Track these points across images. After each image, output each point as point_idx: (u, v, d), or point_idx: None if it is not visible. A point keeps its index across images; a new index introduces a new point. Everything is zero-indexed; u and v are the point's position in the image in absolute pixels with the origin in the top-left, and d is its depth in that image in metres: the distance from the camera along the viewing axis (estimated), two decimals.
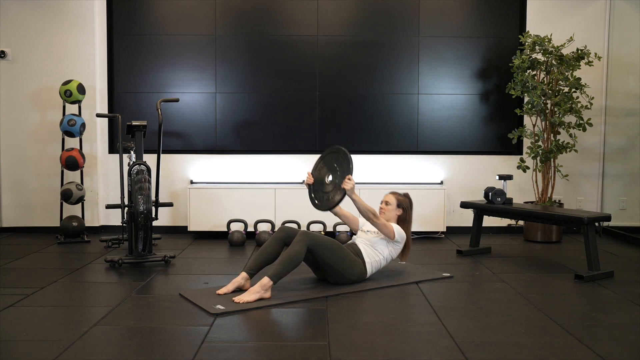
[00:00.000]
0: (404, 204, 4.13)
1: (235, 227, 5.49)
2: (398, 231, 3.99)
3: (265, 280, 3.50)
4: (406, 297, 3.64)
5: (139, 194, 4.26)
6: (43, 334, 2.97)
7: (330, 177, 3.93)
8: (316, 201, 3.98)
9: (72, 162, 5.33)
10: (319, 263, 3.75)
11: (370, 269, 3.94)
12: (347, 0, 5.80)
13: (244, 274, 3.69)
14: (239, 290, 3.64)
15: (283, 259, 3.56)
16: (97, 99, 5.71)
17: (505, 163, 5.87)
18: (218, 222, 5.57)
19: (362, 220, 4.14)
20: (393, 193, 4.17)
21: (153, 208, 4.64)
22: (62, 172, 5.48)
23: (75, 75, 5.61)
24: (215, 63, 5.76)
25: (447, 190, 5.75)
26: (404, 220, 4.13)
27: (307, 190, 4.05)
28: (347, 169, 3.82)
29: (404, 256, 4.16)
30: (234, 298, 3.47)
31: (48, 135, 5.69)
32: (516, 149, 5.85)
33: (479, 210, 4.94)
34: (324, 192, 3.95)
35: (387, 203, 4.13)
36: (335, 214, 4.10)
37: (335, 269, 3.76)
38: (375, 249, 3.96)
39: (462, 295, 3.75)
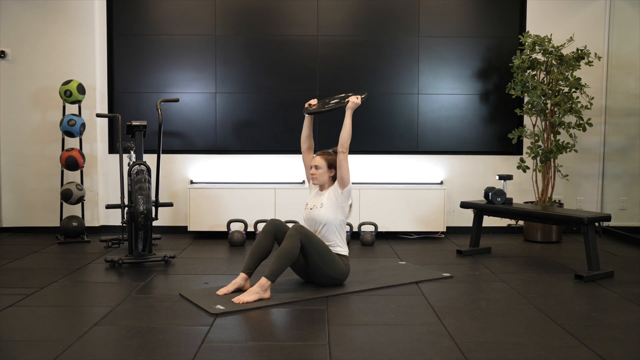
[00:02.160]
0: (334, 162, 3.85)
1: (235, 227, 5.49)
2: (350, 186, 3.78)
3: (263, 281, 3.49)
4: (406, 297, 3.64)
5: (139, 194, 4.26)
6: (43, 334, 2.97)
7: (336, 100, 3.88)
8: (310, 107, 3.93)
9: (72, 162, 5.33)
10: (308, 260, 3.65)
11: (345, 250, 3.81)
12: (347, 0, 5.80)
13: (242, 275, 3.68)
14: (239, 290, 3.63)
15: (278, 256, 3.52)
16: (97, 99, 5.71)
17: (505, 163, 5.87)
18: (218, 222, 5.57)
19: (309, 199, 3.94)
20: (320, 154, 3.89)
21: (153, 208, 4.64)
22: (62, 172, 5.48)
23: (75, 75, 5.61)
24: (215, 63, 5.76)
25: (447, 190, 5.75)
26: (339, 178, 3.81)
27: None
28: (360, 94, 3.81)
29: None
30: (233, 299, 3.46)
31: (48, 135, 5.69)
32: (516, 149, 5.85)
33: (479, 210, 4.94)
34: (324, 102, 3.91)
35: (316, 167, 3.85)
36: (305, 130, 4.00)
37: (322, 269, 3.68)
38: (333, 233, 3.77)
39: (462, 295, 3.75)
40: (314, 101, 4.04)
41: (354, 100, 3.80)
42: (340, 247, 3.83)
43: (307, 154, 4.03)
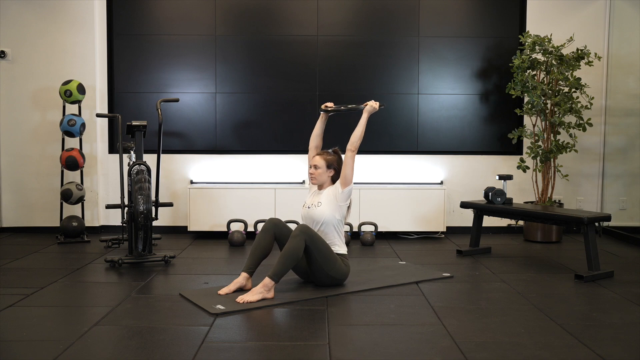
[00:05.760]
0: (334, 163, 3.90)
1: (235, 227, 5.49)
2: (351, 186, 3.81)
3: (267, 281, 3.49)
4: (406, 297, 3.64)
5: (139, 194, 4.26)
6: (43, 334, 2.97)
7: (352, 105, 3.99)
8: (327, 105, 4.00)
9: (72, 162, 5.33)
10: (310, 260, 3.65)
11: (343, 249, 3.83)
12: (347, 0, 5.80)
13: (244, 274, 3.68)
14: (241, 290, 3.64)
15: (282, 256, 3.52)
16: (97, 99, 5.71)
17: (505, 163, 5.87)
18: (218, 222, 5.57)
19: (308, 198, 3.96)
20: (319, 155, 3.92)
21: (153, 208, 4.65)
22: (62, 172, 5.48)
23: (75, 75, 5.61)
24: (215, 63, 5.76)
25: (447, 190, 5.75)
26: (338, 177, 3.88)
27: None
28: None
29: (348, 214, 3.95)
30: (237, 299, 3.46)
31: (48, 135, 5.69)
32: (516, 149, 5.85)
33: (479, 210, 4.94)
34: (340, 106, 3.99)
35: (315, 167, 3.88)
36: (317, 129, 4.05)
37: (323, 270, 3.67)
38: (331, 230, 3.80)
39: (462, 295, 3.75)
40: (330, 103, 4.07)
41: (373, 104, 3.85)
42: (339, 246, 3.84)
43: (313, 152, 4.04)
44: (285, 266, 3.51)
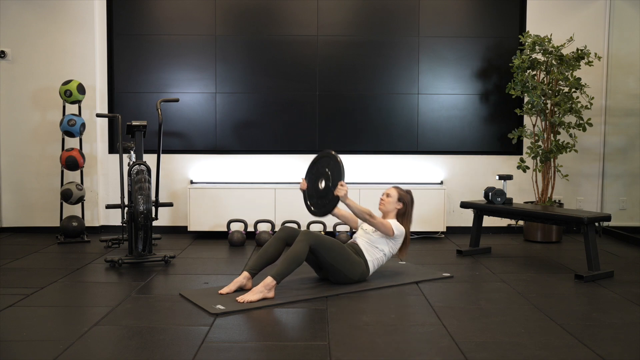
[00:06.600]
0: (405, 199, 4.12)
1: (235, 227, 5.49)
2: (396, 227, 3.98)
3: (269, 280, 3.50)
4: (406, 297, 3.64)
5: (139, 194, 4.26)
6: (43, 334, 2.97)
7: (324, 183, 3.95)
8: (312, 208, 4.03)
9: (72, 162, 5.33)
10: (321, 263, 3.76)
11: (372, 267, 3.95)
12: (347, 0, 5.80)
13: (245, 274, 3.69)
14: (241, 289, 3.64)
15: (286, 259, 3.57)
16: (97, 99, 5.71)
17: (505, 163, 5.87)
18: (218, 222, 5.57)
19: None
20: (395, 187, 4.18)
21: (153, 208, 4.65)
22: (62, 172, 5.48)
23: (75, 75, 5.61)
24: (215, 63, 5.76)
25: (447, 190, 5.75)
26: (403, 215, 4.11)
27: (302, 196, 4.12)
28: (339, 175, 3.84)
29: (402, 253, 4.14)
30: (237, 298, 3.47)
31: (48, 135, 5.69)
32: (516, 149, 5.85)
33: (479, 210, 4.94)
34: (319, 198, 3.98)
35: (388, 195, 4.12)
36: (334, 215, 4.09)
37: (337, 269, 3.77)
38: (375, 247, 3.97)
39: (462, 295, 3.75)
40: (303, 184, 4.08)
41: (341, 192, 3.78)
42: (371, 261, 3.93)
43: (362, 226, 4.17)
44: (289, 268, 3.55)
